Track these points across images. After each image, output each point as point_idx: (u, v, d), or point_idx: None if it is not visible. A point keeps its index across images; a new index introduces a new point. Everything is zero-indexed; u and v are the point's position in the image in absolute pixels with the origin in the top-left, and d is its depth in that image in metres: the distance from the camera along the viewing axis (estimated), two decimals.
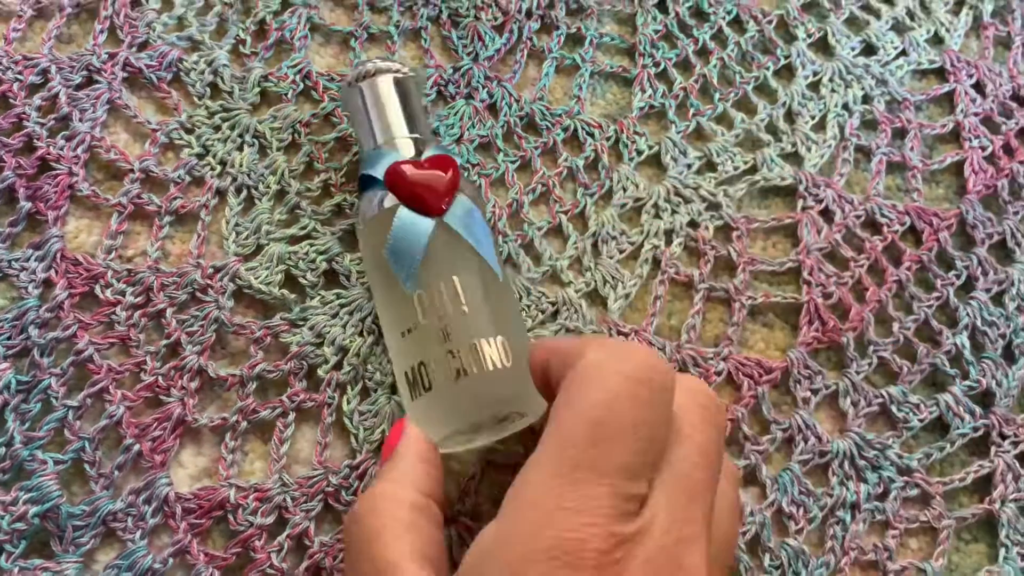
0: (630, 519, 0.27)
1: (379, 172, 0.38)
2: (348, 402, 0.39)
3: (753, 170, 0.46)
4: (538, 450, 0.28)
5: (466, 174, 0.43)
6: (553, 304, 0.42)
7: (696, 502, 0.28)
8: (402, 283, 0.36)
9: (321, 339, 0.39)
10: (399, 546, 0.29)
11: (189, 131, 0.43)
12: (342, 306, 0.40)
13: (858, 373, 0.41)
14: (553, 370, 0.32)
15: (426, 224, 0.36)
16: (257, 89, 0.44)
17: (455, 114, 0.45)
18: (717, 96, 0.48)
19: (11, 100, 0.41)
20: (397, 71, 0.40)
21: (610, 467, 0.27)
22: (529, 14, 0.48)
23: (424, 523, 0.31)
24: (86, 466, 0.36)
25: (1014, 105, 0.49)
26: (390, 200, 0.37)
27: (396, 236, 0.36)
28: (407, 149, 0.39)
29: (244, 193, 0.42)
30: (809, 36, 0.50)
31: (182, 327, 0.39)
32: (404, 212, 0.36)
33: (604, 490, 0.26)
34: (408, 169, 0.37)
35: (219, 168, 0.42)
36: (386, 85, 0.40)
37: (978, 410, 0.41)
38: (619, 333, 0.41)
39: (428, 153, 0.38)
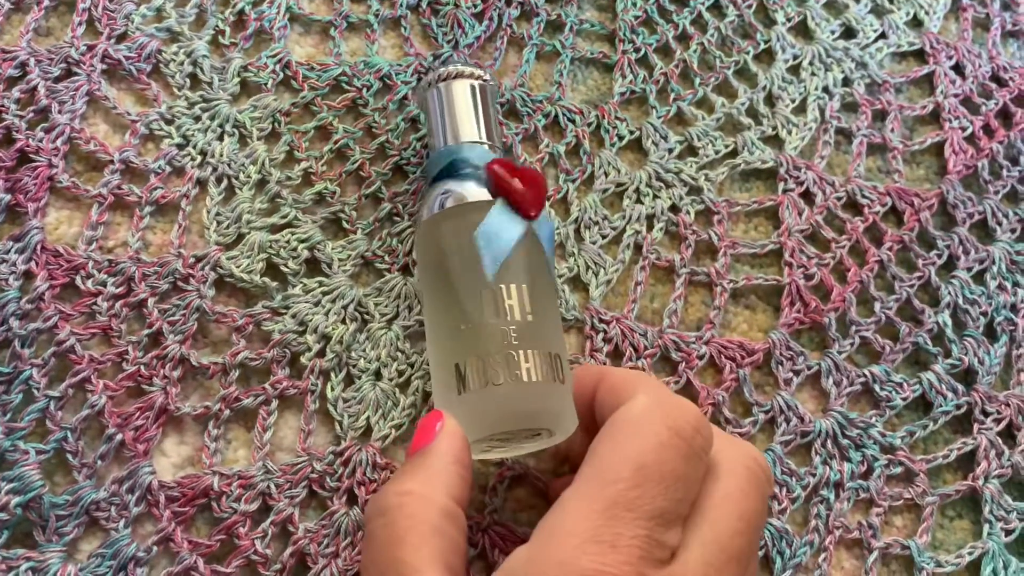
0: (661, 566, 0.27)
1: (468, 165, 0.38)
2: (332, 389, 0.39)
3: (734, 154, 0.46)
4: (578, 482, 0.29)
5: None
6: None
7: (731, 565, 0.28)
8: (484, 269, 0.35)
9: (304, 327, 0.39)
10: (424, 552, 0.29)
11: (169, 122, 0.42)
12: (324, 294, 0.40)
13: (840, 353, 0.41)
14: (600, 399, 0.32)
15: (520, 223, 0.36)
16: (237, 79, 0.44)
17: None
18: (698, 81, 0.48)
19: None
20: (473, 76, 0.40)
21: (648, 510, 0.27)
22: (509, 1, 0.48)
23: (451, 530, 0.30)
24: (68, 456, 0.36)
25: (993, 86, 0.49)
26: (453, 200, 0.37)
27: (491, 223, 0.36)
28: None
29: (225, 183, 0.42)
30: (788, 20, 0.50)
31: (164, 316, 0.39)
32: (503, 204, 0.36)
33: (640, 531, 0.27)
34: (510, 168, 0.37)
35: (199, 158, 0.42)
36: (463, 90, 0.40)
37: (960, 388, 0.41)
38: (600, 321, 0.41)
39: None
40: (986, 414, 0.41)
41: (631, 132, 0.46)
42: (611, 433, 0.30)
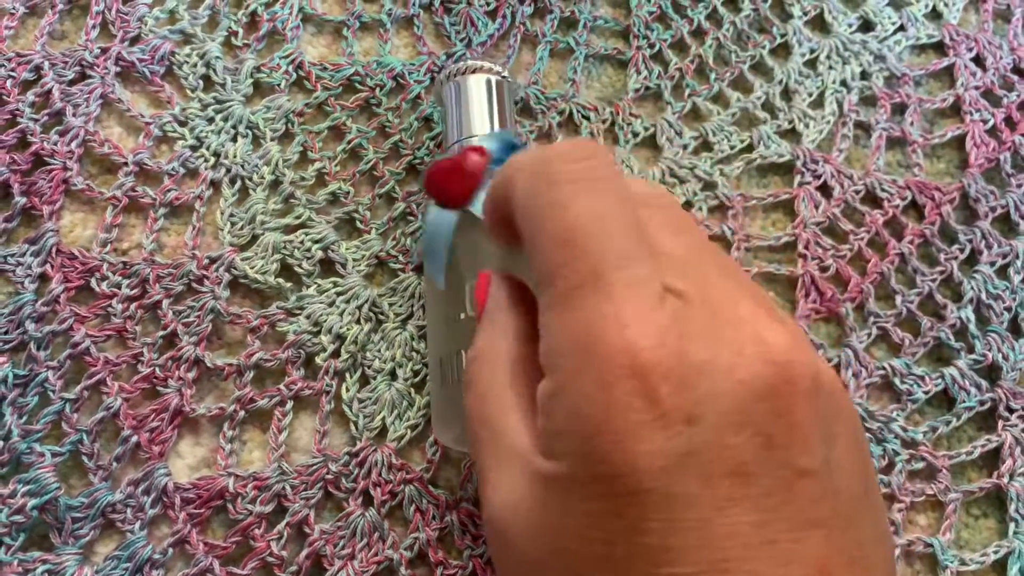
0: (662, 304, 0.24)
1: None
2: (347, 390, 0.39)
3: (750, 148, 0.45)
4: (539, 301, 0.26)
5: None
6: None
7: (702, 254, 0.27)
8: (433, 280, 0.35)
9: (318, 327, 0.39)
10: (506, 403, 0.27)
11: (182, 123, 0.42)
12: (339, 294, 0.40)
13: (859, 343, 0.41)
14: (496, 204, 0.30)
15: (449, 218, 0.35)
16: (250, 80, 0.44)
17: None
18: (713, 76, 0.47)
19: (4, 97, 0.41)
20: (491, 71, 0.40)
21: (609, 267, 0.24)
22: None
23: (527, 372, 0.28)
24: (84, 458, 0.36)
25: (1015, 78, 0.48)
26: None
27: (426, 233, 0.35)
28: None
29: (238, 184, 0.42)
30: (805, 14, 0.49)
31: (178, 318, 0.39)
32: (432, 208, 0.36)
33: (621, 288, 0.24)
34: (432, 162, 0.36)
35: (213, 159, 0.42)
36: (478, 84, 0.40)
37: (984, 384, 0.41)
38: None
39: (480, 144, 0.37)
40: (1011, 411, 0.40)
41: (645, 128, 0.45)
42: (523, 231, 0.27)
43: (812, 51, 0.48)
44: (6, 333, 0.37)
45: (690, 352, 0.23)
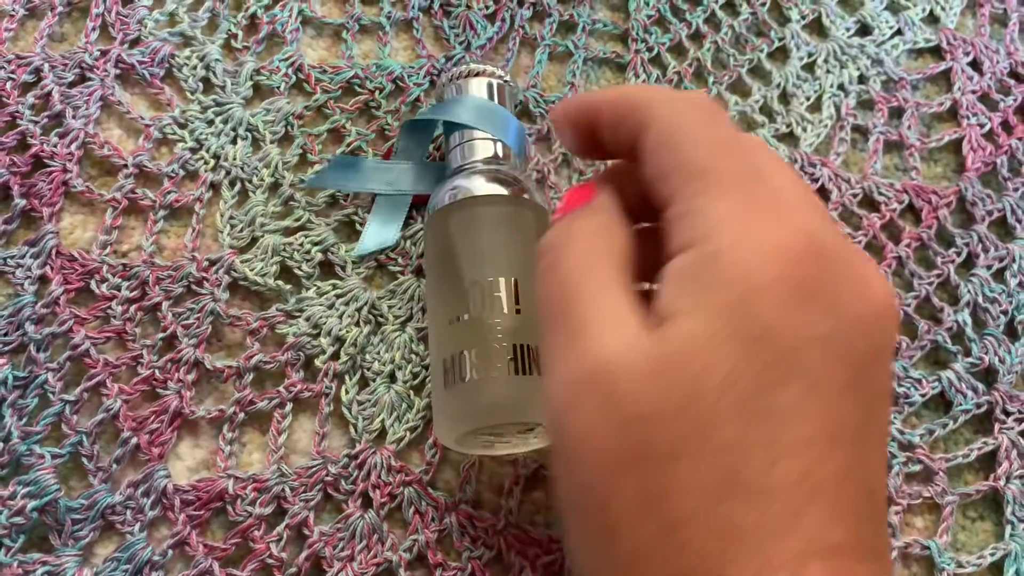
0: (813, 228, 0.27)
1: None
2: (346, 392, 0.39)
3: None
4: (697, 195, 0.26)
5: None
6: None
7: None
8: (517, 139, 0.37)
9: (318, 330, 0.39)
10: (619, 268, 0.27)
11: (182, 126, 0.43)
12: (338, 296, 0.40)
13: None
14: (611, 136, 0.30)
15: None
16: (249, 83, 0.44)
17: None
18: (712, 80, 0.47)
19: (4, 99, 0.41)
20: (493, 75, 0.40)
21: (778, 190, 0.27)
22: (521, 2, 0.48)
23: (625, 265, 0.28)
24: (84, 460, 0.36)
25: (1012, 82, 0.49)
26: (462, 194, 0.37)
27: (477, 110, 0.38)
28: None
29: (238, 186, 0.42)
30: (803, 17, 0.50)
31: (178, 320, 0.39)
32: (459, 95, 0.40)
33: (788, 205, 0.26)
34: None
35: (213, 162, 0.42)
36: (479, 87, 0.40)
37: (980, 387, 0.41)
38: None
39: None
40: (1007, 413, 0.41)
41: None
42: (671, 147, 0.28)
43: (810, 55, 0.48)
44: (6, 335, 0.37)
45: (839, 265, 0.25)
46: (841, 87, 0.48)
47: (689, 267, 0.25)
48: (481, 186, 0.37)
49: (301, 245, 0.41)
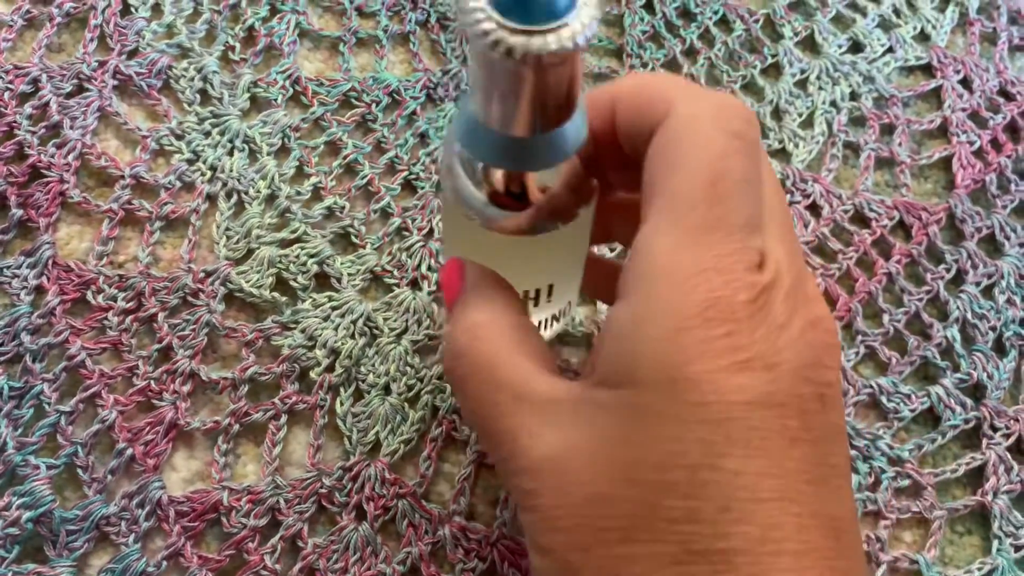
0: (760, 270, 0.26)
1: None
2: (341, 404, 0.39)
3: None
4: (651, 222, 0.26)
5: None
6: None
7: (791, 231, 0.28)
8: None
9: (313, 342, 0.39)
10: (521, 365, 0.27)
11: (179, 137, 0.43)
12: (333, 308, 0.40)
13: (847, 362, 0.42)
14: (625, 125, 0.29)
15: None
16: (247, 95, 0.44)
17: (444, 117, 0.45)
18: None
19: (2, 109, 0.42)
20: None
21: (735, 224, 0.26)
22: None
23: (530, 338, 0.29)
24: (79, 471, 0.36)
25: (1001, 100, 0.49)
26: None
27: None
28: None
29: (234, 198, 0.42)
30: (796, 35, 0.50)
31: (174, 331, 0.39)
32: None
33: (736, 247, 0.25)
34: None
35: (209, 173, 0.42)
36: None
37: (969, 402, 0.41)
38: None
39: None
40: (995, 429, 0.41)
41: None
42: (665, 159, 0.27)
43: (802, 71, 0.49)
44: (1, 345, 0.38)
45: (775, 313, 0.25)
46: (833, 104, 0.48)
47: (625, 325, 0.25)
48: None
49: (297, 257, 0.41)
